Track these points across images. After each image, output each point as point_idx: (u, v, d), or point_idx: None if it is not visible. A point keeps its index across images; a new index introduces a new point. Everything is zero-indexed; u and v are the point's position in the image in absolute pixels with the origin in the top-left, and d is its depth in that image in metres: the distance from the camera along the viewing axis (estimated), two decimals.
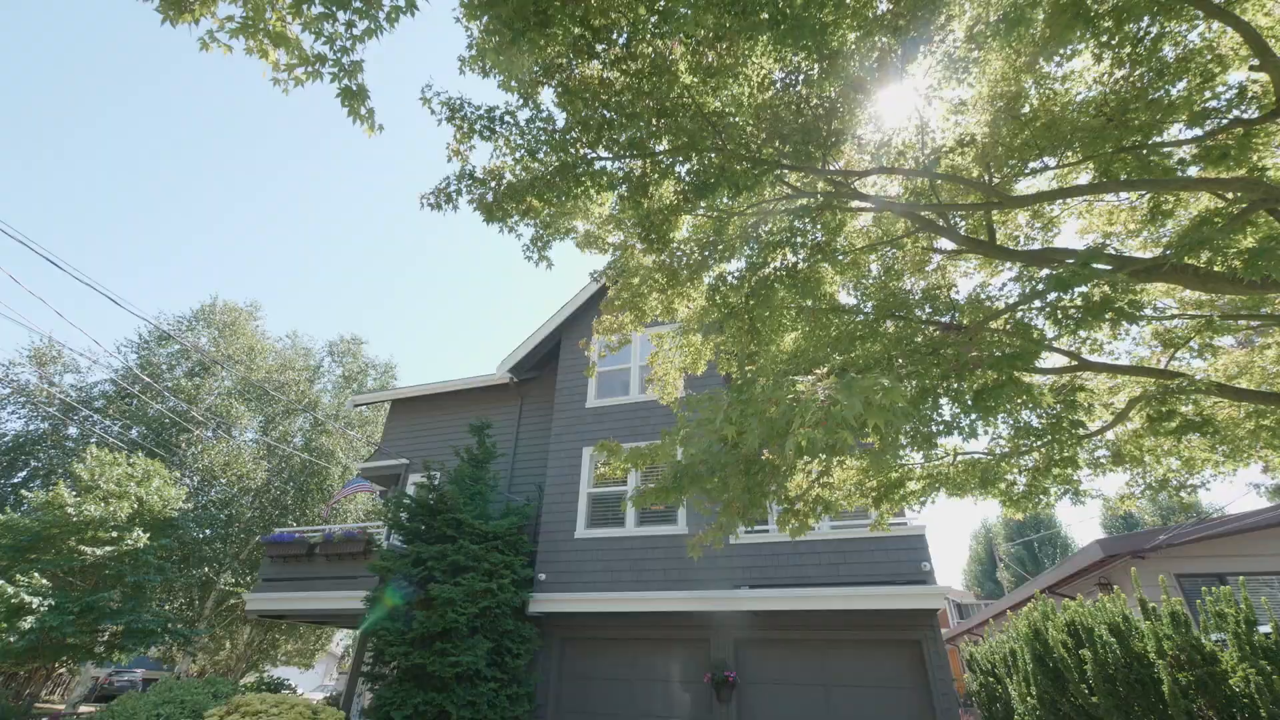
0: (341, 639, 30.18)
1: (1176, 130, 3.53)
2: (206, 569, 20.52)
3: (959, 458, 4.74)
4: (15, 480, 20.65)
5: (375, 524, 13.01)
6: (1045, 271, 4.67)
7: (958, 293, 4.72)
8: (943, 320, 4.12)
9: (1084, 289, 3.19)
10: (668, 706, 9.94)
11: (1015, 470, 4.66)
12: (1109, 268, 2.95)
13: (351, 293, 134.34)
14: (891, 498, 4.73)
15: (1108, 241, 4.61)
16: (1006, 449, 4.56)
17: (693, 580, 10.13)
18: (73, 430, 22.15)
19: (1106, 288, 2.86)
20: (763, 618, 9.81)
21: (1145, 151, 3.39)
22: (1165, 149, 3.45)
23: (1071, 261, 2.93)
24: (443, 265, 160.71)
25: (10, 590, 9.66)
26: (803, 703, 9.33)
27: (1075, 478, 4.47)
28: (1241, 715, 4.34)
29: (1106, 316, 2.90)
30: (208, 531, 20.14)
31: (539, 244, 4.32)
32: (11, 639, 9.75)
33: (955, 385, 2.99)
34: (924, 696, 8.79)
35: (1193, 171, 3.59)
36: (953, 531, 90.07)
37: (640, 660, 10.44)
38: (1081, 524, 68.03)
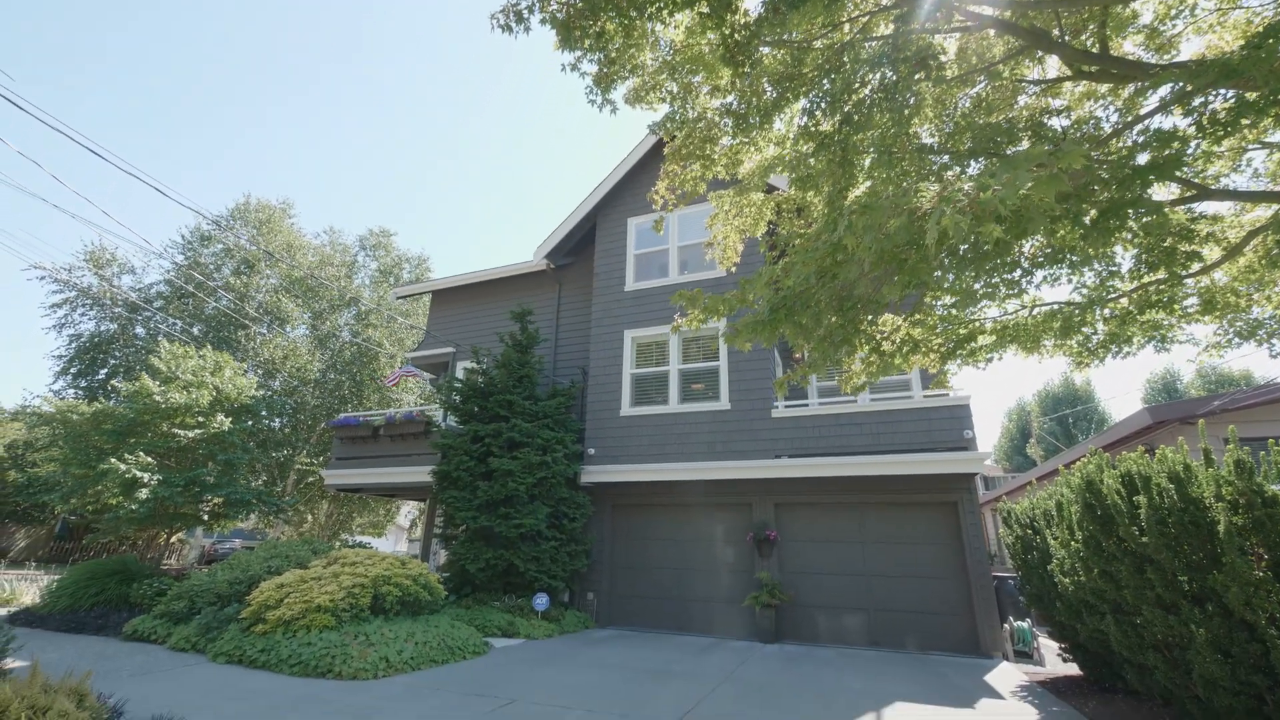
0: (408, 511, 33.42)
1: None
2: (285, 450, 22.49)
3: (1037, 308, 4.58)
4: (99, 377, 22.36)
5: (432, 406, 13.79)
6: (1151, 107, 4.14)
7: (1067, 118, 4.26)
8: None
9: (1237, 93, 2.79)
10: (712, 561, 10.86)
11: (1099, 319, 4.47)
12: None
13: (382, 195, 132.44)
14: (959, 353, 4.67)
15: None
16: (1089, 297, 4.35)
17: (736, 453, 10.61)
18: (139, 330, 23.48)
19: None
20: (804, 484, 10.33)
21: None
22: None
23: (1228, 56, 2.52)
24: (472, 164, 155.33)
25: (123, 467, 10.82)
26: (840, 557, 10.06)
27: (1166, 323, 4.28)
28: None
29: (1273, 112, 2.56)
30: (278, 421, 21.80)
31: (603, 84, 3.99)
32: (132, 507, 11.11)
33: (1073, 209, 2.77)
34: (956, 550, 9.37)
35: None
36: (984, 413, 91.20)
37: (686, 523, 11.29)
38: (1120, 399, 67.81)
